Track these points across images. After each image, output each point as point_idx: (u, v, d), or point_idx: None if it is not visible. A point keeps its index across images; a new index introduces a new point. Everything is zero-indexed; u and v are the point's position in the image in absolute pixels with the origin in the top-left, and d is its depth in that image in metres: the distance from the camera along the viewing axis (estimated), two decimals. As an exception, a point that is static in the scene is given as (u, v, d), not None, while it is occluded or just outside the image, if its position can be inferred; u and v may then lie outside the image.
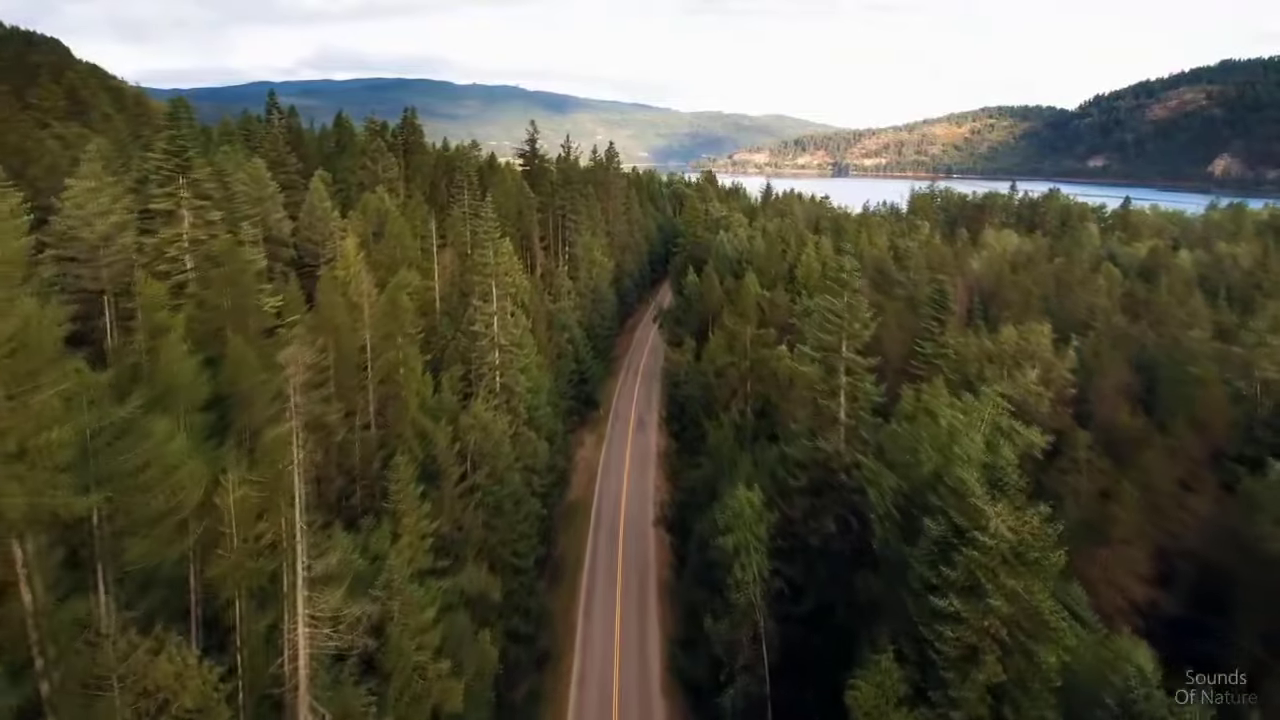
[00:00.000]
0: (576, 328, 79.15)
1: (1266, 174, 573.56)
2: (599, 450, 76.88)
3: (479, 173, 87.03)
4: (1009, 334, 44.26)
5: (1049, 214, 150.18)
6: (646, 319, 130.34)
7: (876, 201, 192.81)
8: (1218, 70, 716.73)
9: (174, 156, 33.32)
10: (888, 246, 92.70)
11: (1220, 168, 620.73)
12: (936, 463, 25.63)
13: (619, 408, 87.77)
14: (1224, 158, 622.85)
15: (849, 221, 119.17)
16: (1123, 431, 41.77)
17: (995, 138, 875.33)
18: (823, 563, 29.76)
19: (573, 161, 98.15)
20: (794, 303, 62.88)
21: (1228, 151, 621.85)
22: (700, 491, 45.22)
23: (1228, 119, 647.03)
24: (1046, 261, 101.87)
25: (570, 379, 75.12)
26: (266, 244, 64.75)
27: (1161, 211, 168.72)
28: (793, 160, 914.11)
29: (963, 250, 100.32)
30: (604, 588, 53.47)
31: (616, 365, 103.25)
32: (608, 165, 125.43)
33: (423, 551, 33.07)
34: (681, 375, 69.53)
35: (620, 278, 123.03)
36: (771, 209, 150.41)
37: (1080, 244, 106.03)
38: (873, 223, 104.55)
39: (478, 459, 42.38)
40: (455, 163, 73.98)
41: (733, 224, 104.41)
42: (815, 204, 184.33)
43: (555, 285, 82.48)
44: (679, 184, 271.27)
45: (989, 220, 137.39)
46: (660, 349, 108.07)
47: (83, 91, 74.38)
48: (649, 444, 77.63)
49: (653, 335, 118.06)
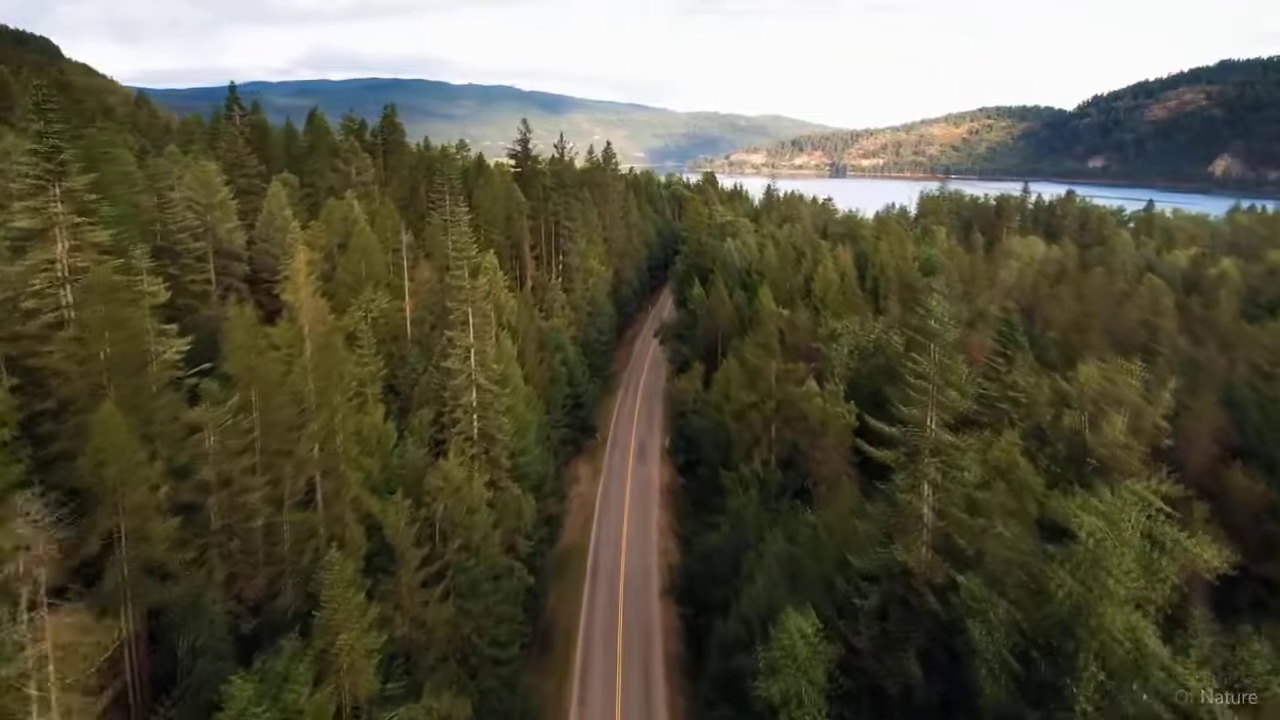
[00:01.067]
0: (570, 347, 71.40)
1: (1268, 174, 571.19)
2: (596, 484, 69.11)
3: (464, 176, 79.18)
4: (1089, 374, 36.70)
5: (1068, 218, 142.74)
6: (646, 330, 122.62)
7: (881, 203, 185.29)
8: (1217, 70, 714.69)
9: (44, 160, 25.58)
10: (911, 257, 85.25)
11: (1221, 168, 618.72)
12: (1074, 593, 18.09)
13: (618, 433, 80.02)
14: (1224, 158, 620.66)
15: (864, 227, 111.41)
16: (1236, 496, 34.16)
17: (993, 138, 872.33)
18: (902, 716, 21.99)
19: (567, 163, 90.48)
20: (817, 325, 55.22)
21: (1228, 152, 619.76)
22: (718, 561, 37.54)
23: (1228, 119, 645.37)
24: (1079, 271, 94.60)
25: (564, 405, 67.42)
26: (217, 258, 56.98)
27: (1185, 215, 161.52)
28: (790, 161, 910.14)
29: (991, 260, 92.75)
30: (602, 663, 45.65)
31: (615, 381, 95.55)
32: (605, 167, 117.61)
33: (367, 676, 25.28)
34: (689, 405, 61.82)
35: (618, 286, 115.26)
36: (777, 213, 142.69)
37: (1114, 252, 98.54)
38: (892, 229, 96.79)
39: (448, 529, 34.59)
40: (437, 164, 66.26)
41: (739, 230, 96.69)
42: (820, 207, 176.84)
43: (548, 300, 74.73)
44: (677, 185, 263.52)
45: (1007, 224, 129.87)
46: (661, 363, 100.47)
47: (13, 85, 66.31)
48: (651, 477, 69.92)
49: (653, 349, 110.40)
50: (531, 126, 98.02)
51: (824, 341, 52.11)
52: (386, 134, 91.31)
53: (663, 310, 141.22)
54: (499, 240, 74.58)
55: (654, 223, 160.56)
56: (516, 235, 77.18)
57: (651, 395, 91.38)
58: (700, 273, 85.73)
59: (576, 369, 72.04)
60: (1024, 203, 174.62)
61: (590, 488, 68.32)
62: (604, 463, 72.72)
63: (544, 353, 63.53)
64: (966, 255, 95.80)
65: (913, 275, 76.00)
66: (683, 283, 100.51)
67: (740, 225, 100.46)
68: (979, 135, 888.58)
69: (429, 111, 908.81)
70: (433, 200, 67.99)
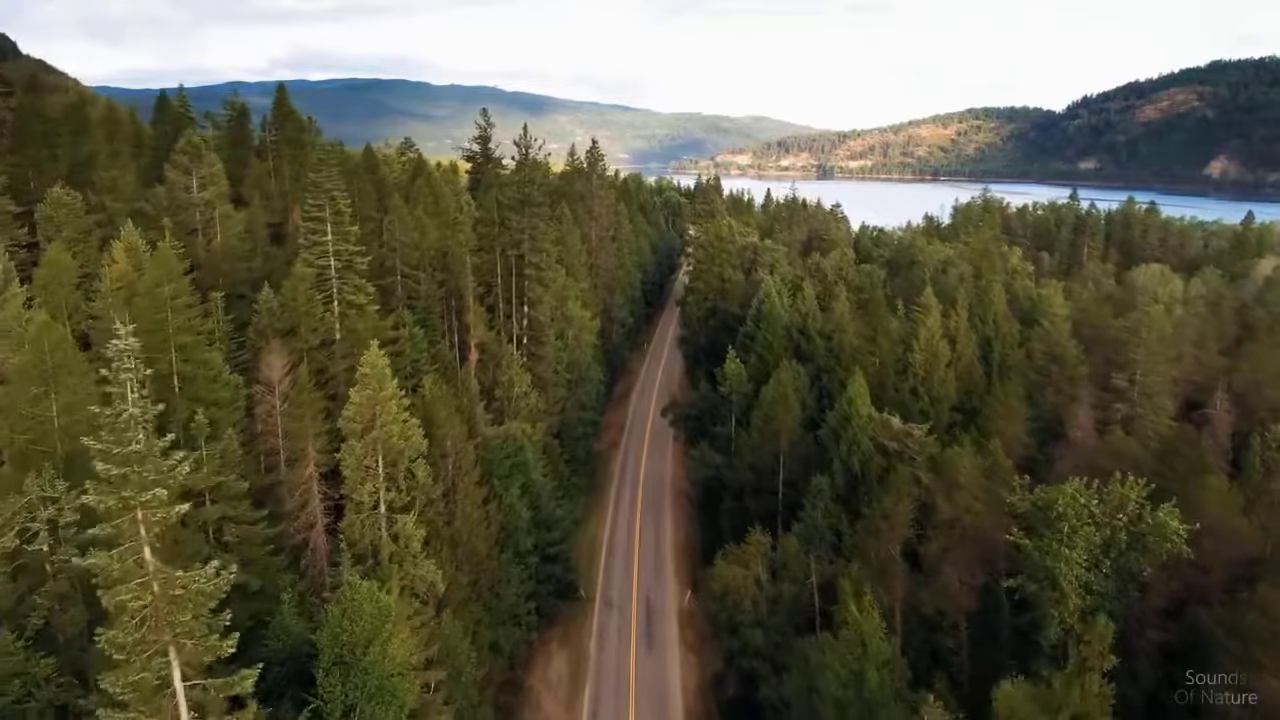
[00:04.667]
0: (536, 465, 44.26)
1: (1267, 176, 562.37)
2: (577, 696, 41.97)
3: (377, 186, 51.76)
4: None
5: (1149, 233, 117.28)
6: (644, 376, 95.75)
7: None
8: (1208, 71, 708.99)
9: None
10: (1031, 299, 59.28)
11: (1218, 170, 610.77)
12: None
13: (610, 580, 52.53)
14: (1221, 160, 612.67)
15: (926, 250, 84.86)
16: None
17: (982, 139, 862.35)
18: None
19: (538, 166, 62.59)
20: (1020, 487, 27.95)
21: (1224, 154, 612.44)
22: None
23: (1222, 120, 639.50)
24: (1234, 313, 69.10)
25: (525, 566, 40.58)
26: None
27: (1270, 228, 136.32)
28: (776, 162, 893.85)
29: (1118, 302, 66.54)
30: None
31: (605, 475, 68.41)
32: (590, 172, 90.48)
33: None
34: (746, 606, 34.76)
35: (608, 327, 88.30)
36: (798, 222, 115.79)
37: (1275, 286, 72.93)
38: (992, 257, 69.86)
39: None
40: (314, 168, 39.39)
41: (776, 261, 70.07)
42: (831, 216, 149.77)
43: (503, 383, 47.69)
44: (669, 189, 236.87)
45: (1088, 244, 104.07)
46: (666, 433, 73.98)
47: None
48: (667, 682, 42.84)
49: (653, 410, 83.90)
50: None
51: (1038, 509, 25.53)
52: (279, 129, 63.84)
53: (663, 344, 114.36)
54: (426, 291, 47.42)
55: (648, 237, 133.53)
56: (458, 280, 50.15)
57: (657, 495, 64.44)
58: (728, 329, 58.89)
59: (544, 494, 44.99)
60: (1079, 214, 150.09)
61: (562, 714, 40.91)
62: (589, 649, 45.46)
63: (490, 507, 36.49)
64: (1081, 291, 69.49)
65: (1060, 340, 49.73)
66: (696, 327, 73.40)
67: (776, 254, 73.33)
68: (967, 136, 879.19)
69: (410, 112, 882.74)
70: (311, 228, 40.74)
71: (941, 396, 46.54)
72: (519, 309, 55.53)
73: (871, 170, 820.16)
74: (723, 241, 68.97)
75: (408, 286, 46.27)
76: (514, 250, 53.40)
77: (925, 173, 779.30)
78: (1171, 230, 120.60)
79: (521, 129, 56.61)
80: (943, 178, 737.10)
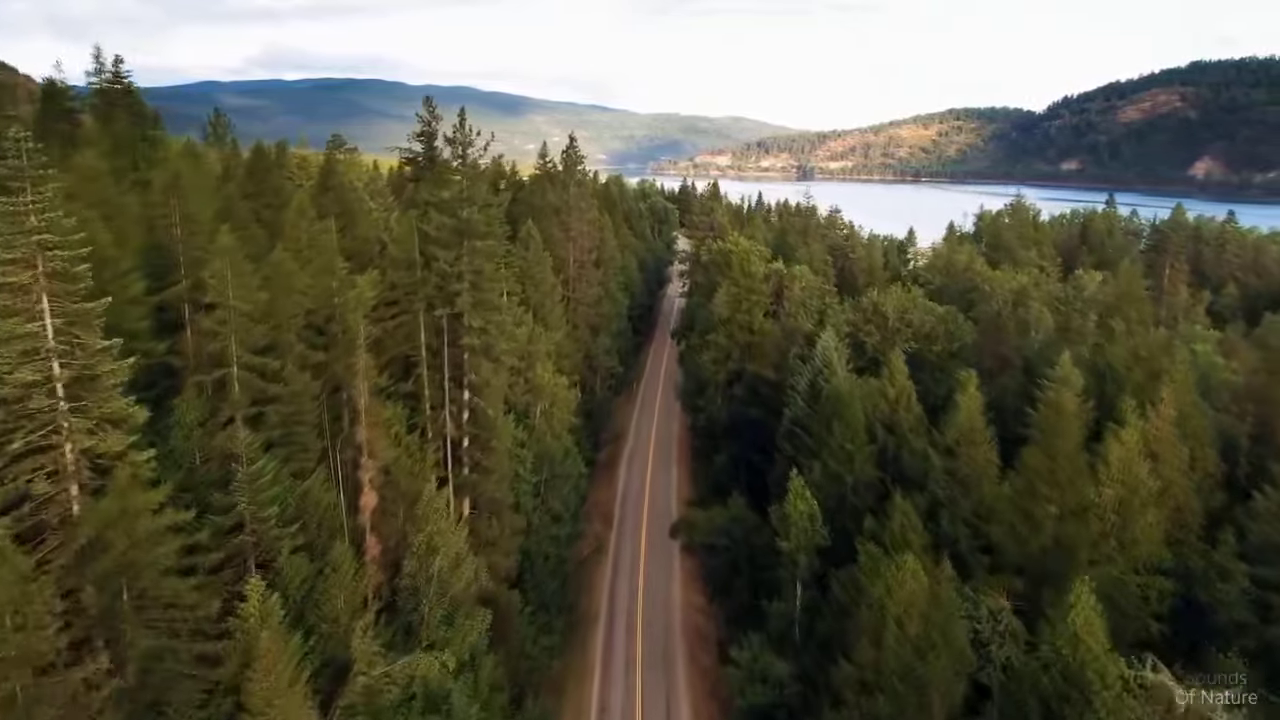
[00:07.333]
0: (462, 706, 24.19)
1: (1252, 177, 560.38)
2: None
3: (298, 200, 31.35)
4: None
5: (1226, 248, 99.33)
6: (632, 443, 75.46)
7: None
8: (1189, 72, 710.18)
9: None
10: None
11: (1203, 171, 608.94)
12: None
13: None
14: (1205, 160, 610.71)
15: (990, 278, 65.70)
16: None
17: (963, 140, 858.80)
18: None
19: (485, 173, 41.17)
20: None
21: (1208, 154, 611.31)
22: None
23: (1205, 121, 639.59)
24: None
25: None
26: None
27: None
28: (756, 163, 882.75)
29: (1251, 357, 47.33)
30: None
31: (591, 607, 47.94)
32: (567, 177, 70.22)
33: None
34: None
35: (590, 381, 68.21)
36: (814, 235, 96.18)
37: None
38: (1127, 300, 50.59)
39: None
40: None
41: (827, 305, 50.20)
42: (830, 224, 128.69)
43: (420, 545, 27.67)
44: (653, 194, 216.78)
45: (1172, 264, 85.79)
46: (668, 522, 54.22)
47: None
48: None
49: (649, 485, 64.18)
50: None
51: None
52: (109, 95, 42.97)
53: (655, 384, 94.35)
54: (291, 390, 27.15)
55: (635, 253, 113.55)
56: (345, 362, 29.86)
57: (661, 635, 44.37)
58: (752, 388, 39.02)
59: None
60: (1111, 218, 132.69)
61: None
62: None
63: None
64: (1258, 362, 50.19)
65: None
66: (710, 394, 53.17)
67: (813, 287, 53.02)
68: (948, 137, 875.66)
69: (384, 112, 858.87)
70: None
71: (1145, 560, 27.24)
72: (456, 394, 35.39)
73: (852, 171, 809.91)
74: (751, 279, 48.27)
75: (250, 387, 26.06)
76: (445, 308, 33.34)
77: (906, 174, 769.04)
78: (1248, 245, 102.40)
79: (457, 116, 36.01)
80: (924, 179, 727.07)
